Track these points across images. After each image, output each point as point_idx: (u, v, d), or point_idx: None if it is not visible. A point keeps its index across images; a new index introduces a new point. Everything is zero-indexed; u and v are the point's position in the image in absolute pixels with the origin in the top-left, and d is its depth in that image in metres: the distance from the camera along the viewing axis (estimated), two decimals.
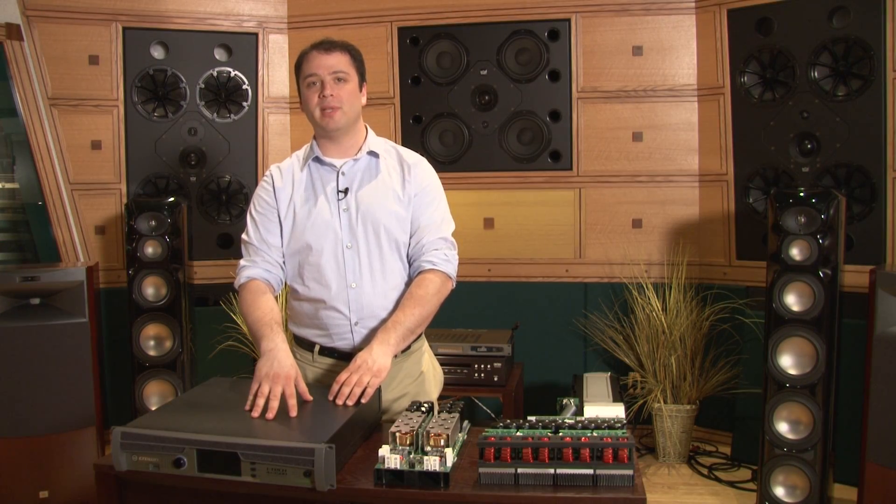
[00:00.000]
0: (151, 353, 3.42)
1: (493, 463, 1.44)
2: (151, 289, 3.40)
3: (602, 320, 3.81)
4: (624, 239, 3.84)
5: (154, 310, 3.40)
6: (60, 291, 3.14)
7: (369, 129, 2.06)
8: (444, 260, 1.98)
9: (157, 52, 3.90)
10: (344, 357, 1.98)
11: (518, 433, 1.48)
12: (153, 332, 3.42)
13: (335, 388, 1.74)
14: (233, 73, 3.97)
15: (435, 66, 3.92)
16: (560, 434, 1.47)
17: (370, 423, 1.77)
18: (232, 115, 3.99)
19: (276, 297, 2.03)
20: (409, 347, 2.03)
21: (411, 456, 1.47)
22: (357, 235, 1.96)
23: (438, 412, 1.65)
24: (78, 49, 3.78)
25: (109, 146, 3.85)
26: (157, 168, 3.91)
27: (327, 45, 1.96)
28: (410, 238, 2.01)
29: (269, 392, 1.69)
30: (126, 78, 3.84)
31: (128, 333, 3.41)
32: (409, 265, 2.03)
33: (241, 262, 2.05)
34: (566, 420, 1.54)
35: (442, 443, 1.47)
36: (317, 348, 2.02)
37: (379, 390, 1.86)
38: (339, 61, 1.95)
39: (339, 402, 1.72)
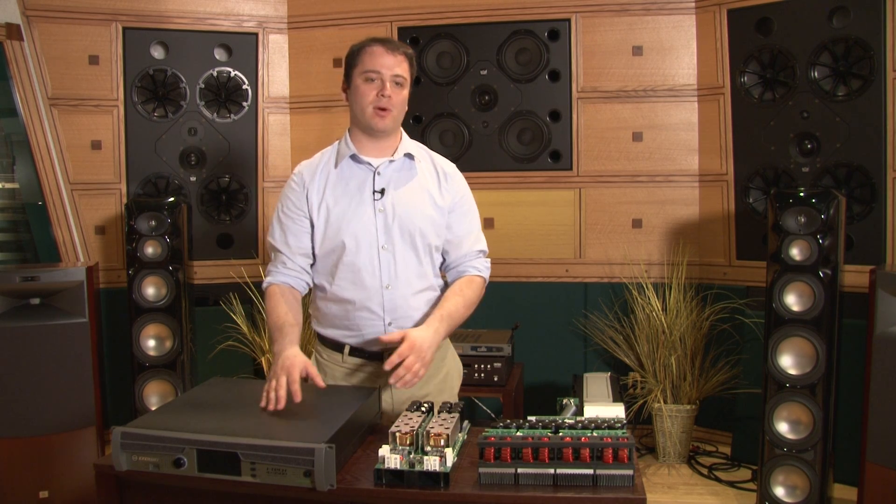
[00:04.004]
0: (151, 353, 3.41)
1: (493, 463, 1.44)
2: (151, 289, 3.40)
3: (602, 320, 3.81)
4: (624, 239, 3.84)
5: (154, 310, 3.40)
6: (60, 291, 3.14)
7: (403, 132, 2.07)
8: (486, 268, 2.07)
9: (157, 52, 3.90)
10: (375, 357, 1.98)
11: (518, 433, 1.48)
12: (153, 332, 3.42)
13: (395, 361, 1.76)
14: (233, 73, 3.97)
15: (435, 66, 3.92)
16: (560, 434, 1.47)
17: (370, 423, 1.77)
18: (232, 115, 3.99)
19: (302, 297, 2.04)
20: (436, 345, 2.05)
21: (411, 456, 1.47)
22: (393, 236, 1.95)
23: (438, 412, 1.65)
24: (78, 49, 3.78)
25: (109, 146, 3.85)
26: (157, 168, 3.91)
27: (393, 46, 1.95)
28: (449, 245, 2.04)
29: (277, 384, 1.69)
30: (126, 78, 3.84)
31: (128, 333, 3.41)
32: (448, 270, 2.07)
33: (269, 266, 2.05)
34: (566, 420, 1.54)
35: (442, 443, 1.47)
36: (346, 349, 2.01)
37: (379, 391, 1.86)
38: (401, 65, 1.94)
39: (400, 385, 1.75)
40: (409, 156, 2.02)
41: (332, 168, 2.00)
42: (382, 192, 1.96)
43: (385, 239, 1.95)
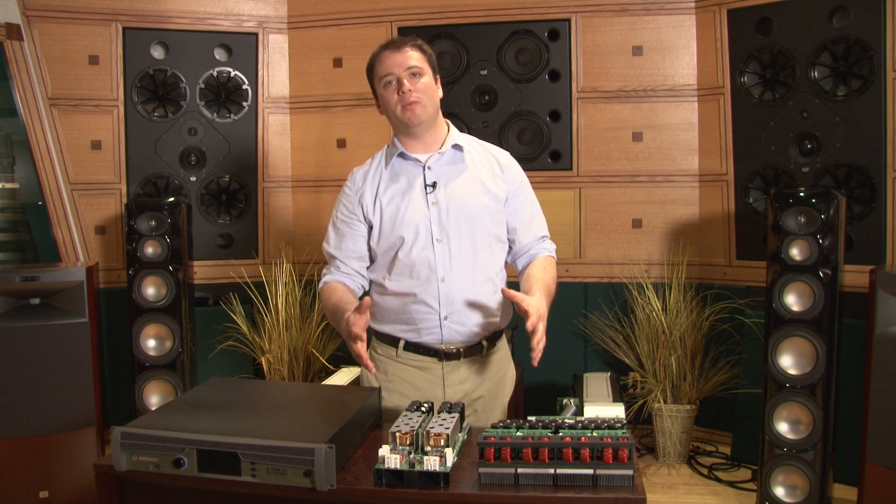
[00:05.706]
0: (151, 353, 3.41)
1: (493, 463, 1.44)
2: (151, 289, 3.40)
3: (602, 320, 3.81)
4: (624, 239, 3.84)
5: (154, 310, 3.40)
6: (60, 291, 3.14)
7: (450, 124, 2.08)
8: (555, 251, 2.17)
9: (157, 52, 3.90)
10: (430, 353, 1.99)
11: (518, 433, 1.48)
12: (153, 332, 3.42)
13: (534, 325, 1.78)
14: (233, 73, 3.97)
15: None
16: (560, 434, 1.47)
17: (370, 423, 1.77)
18: (232, 115, 3.99)
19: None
20: (494, 346, 2.08)
21: (411, 456, 1.47)
22: (447, 229, 1.97)
23: (438, 412, 1.65)
24: (78, 49, 3.78)
25: (109, 146, 3.85)
26: (157, 168, 3.91)
27: (398, 44, 1.97)
28: (516, 233, 2.08)
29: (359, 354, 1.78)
30: (126, 78, 3.84)
31: (128, 333, 3.41)
32: (519, 256, 2.10)
33: (322, 271, 2.09)
34: (566, 420, 1.54)
35: (442, 443, 1.47)
36: (401, 344, 2.02)
37: (379, 390, 1.86)
38: (411, 57, 1.96)
39: (538, 356, 1.77)
40: (458, 147, 2.03)
41: (384, 169, 2.03)
42: (434, 185, 1.99)
43: (439, 231, 1.96)
